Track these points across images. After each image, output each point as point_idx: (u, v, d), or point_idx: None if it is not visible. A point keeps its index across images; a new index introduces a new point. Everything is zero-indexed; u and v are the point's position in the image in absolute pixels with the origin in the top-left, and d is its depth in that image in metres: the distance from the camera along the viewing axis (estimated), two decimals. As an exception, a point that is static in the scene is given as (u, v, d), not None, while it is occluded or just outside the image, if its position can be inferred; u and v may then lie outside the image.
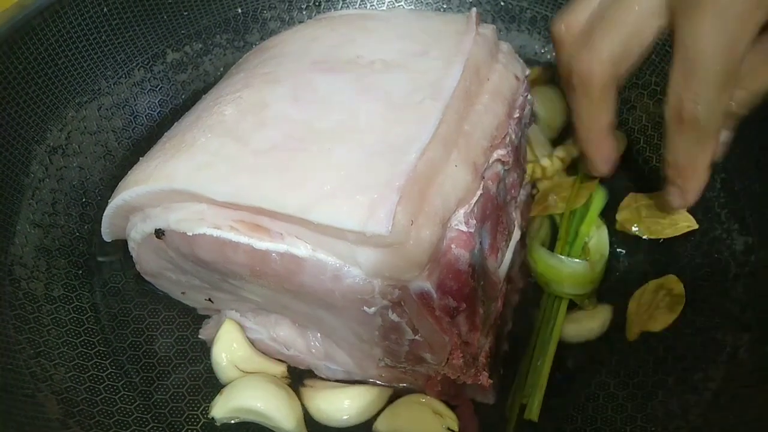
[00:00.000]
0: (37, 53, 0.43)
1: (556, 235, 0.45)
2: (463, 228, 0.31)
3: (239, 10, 0.52)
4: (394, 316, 0.31)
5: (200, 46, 0.52)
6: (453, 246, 0.30)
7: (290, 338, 0.38)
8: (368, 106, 0.33)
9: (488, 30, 0.39)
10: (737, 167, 0.43)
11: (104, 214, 0.35)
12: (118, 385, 0.39)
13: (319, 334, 0.37)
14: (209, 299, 0.38)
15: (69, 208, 0.45)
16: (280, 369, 0.39)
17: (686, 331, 0.39)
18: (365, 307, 0.30)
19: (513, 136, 0.37)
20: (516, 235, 0.40)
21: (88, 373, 0.38)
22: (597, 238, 0.44)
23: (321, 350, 0.37)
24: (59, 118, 0.45)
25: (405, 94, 0.33)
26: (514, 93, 0.38)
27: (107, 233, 0.37)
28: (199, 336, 0.41)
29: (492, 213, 0.34)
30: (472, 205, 0.32)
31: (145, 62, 0.50)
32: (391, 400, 0.37)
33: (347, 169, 0.30)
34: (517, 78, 0.39)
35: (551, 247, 0.44)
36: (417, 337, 0.32)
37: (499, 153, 0.35)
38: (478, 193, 0.32)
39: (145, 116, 0.50)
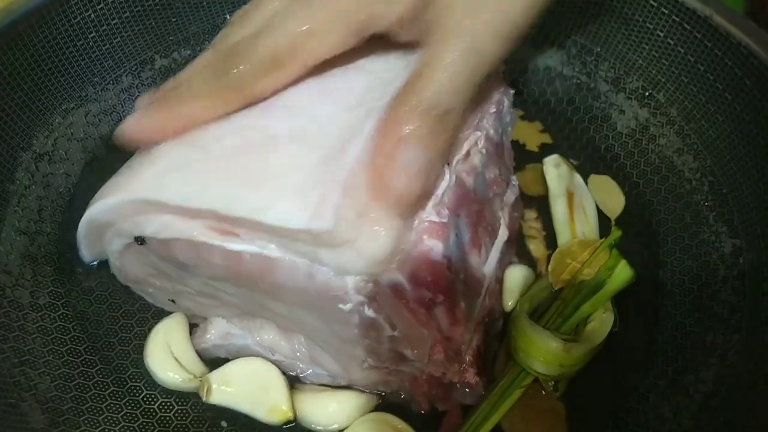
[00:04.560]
0: (23, 59, 0.43)
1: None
2: (435, 218, 0.30)
3: (228, 16, 0.52)
4: (370, 312, 0.30)
5: (189, 52, 0.52)
6: (425, 237, 0.30)
7: (275, 342, 0.37)
8: (327, 108, 0.33)
9: None
10: (725, 171, 0.43)
11: (77, 234, 0.35)
12: (105, 394, 0.38)
13: (303, 338, 0.37)
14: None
15: (55, 216, 0.44)
16: (201, 369, 0.39)
17: (676, 333, 0.39)
18: (340, 305, 0.30)
19: (491, 131, 0.37)
20: (503, 234, 0.40)
21: (74, 382, 0.38)
22: (599, 322, 0.39)
23: (306, 354, 0.37)
24: (46, 125, 0.45)
25: (363, 92, 0.33)
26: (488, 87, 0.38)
27: (86, 254, 0.37)
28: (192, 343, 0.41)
29: (469, 206, 0.34)
30: (440, 195, 0.31)
31: (133, 68, 0.50)
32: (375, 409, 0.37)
33: (302, 170, 0.30)
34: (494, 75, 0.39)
35: (544, 314, 0.40)
36: (395, 333, 0.31)
37: (469, 143, 0.35)
38: (445, 182, 0.32)
39: (133, 123, 0.49)
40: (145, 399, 0.38)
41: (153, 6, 0.49)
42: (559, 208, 0.45)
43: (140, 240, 0.32)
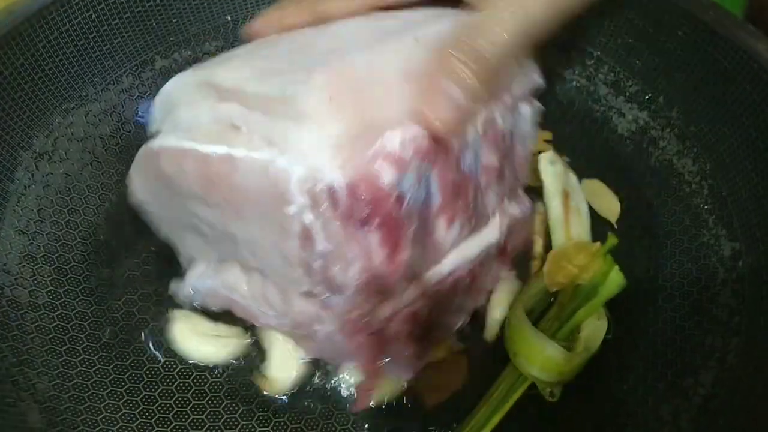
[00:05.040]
0: (24, 59, 0.43)
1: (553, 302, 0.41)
2: (396, 149, 0.30)
3: (228, 18, 0.52)
4: (308, 216, 0.30)
5: (189, 53, 0.52)
6: (379, 159, 0.30)
7: (236, 282, 0.38)
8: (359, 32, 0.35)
9: None
10: (724, 174, 0.43)
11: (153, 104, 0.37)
12: (103, 394, 0.38)
13: (258, 275, 0.37)
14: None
15: (55, 215, 0.44)
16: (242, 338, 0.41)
17: (675, 336, 0.39)
18: (285, 207, 0.30)
19: (498, 120, 0.36)
20: (491, 234, 0.39)
21: (72, 382, 0.38)
22: (592, 329, 0.39)
23: (259, 292, 0.38)
24: (46, 125, 0.45)
25: (394, 30, 0.34)
26: (512, 79, 0.38)
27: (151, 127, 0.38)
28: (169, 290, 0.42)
29: (445, 168, 0.33)
30: (413, 137, 0.31)
31: (134, 69, 0.50)
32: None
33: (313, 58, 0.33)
34: (524, 75, 0.38)
35: (540, 317, 0.40)
36: (328, 246, 0.31)
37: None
38: (418, 128, 0.32)
39: (133, 123, 0.49)
40: (143, 400, 0.38)
41: (154, 7, 0.49)
42: (554, 206, 0.45)
43: (149, 137, 0.34)
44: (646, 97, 0.48)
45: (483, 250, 0.39)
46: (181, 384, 0.39)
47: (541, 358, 0.36)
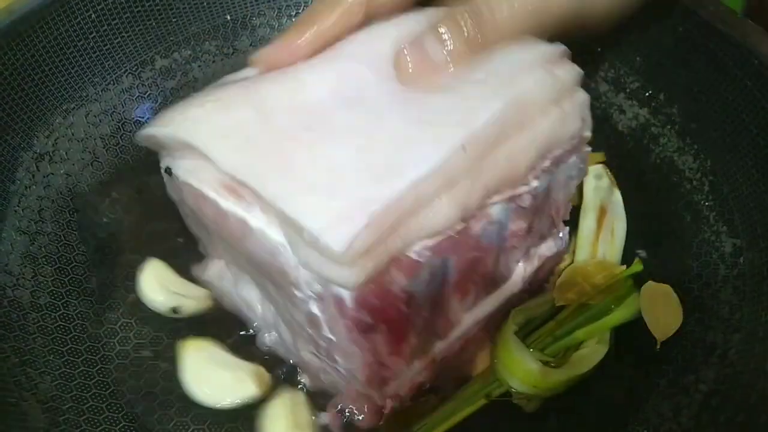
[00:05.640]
0: (24, 59, 0.43)
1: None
2: (413, 256, 0.29)
3: (228, 17, 0.52)
4: (315, 309, 0.31)
5: (189, 52, 0.52)
6: (393, 268, 0.29)
7: (252, 301, 0.38)
8: (395, 117, 0.31)
9: (568, 73, 0.35)
10: (725, 170, 0.43)
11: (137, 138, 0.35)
12: (105, 393, 0.38)
13: (273, 308, 0.37)
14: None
15: (56, 215, 0.44)
16: (205, 293, 0.41)
17: (676, 333, 0.39)
18: (295, 290, 0.30)
19: (534, 185, 0.34)
20: (513, 285, 0.38)
21: (74, 382, 0.38)
22: (590, 351, 0.38)
23: (271, 321, 0.38)
24: (46, 125, 0.45)
25: (437, 115, 0.31)
26: (558, 143, 0.34)
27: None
28: (191, 272, 0.42)
29: (465, 252, 0.32)
30: (434, 238, 0.30)
31: (134, 69, 0.50)
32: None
33: (339, 171, 0.29)
34: (571, 135, 0.35)
35: (537, 328, 0.39)
36: (332, 337, 0.31)
37: (497, 197, 0.32)
38: (447, 222, 0.30)
39: (134, 123, 0.49)
40: (145, 397, 0.38)
41: (153, 6, 0.49)
42: (587, 223, 0.43)
43: (169, 171, 0.33)
44: (647, 93, 0.48)
45: (501, 304, 0.38)
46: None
47: (519, 368, 0.36)
